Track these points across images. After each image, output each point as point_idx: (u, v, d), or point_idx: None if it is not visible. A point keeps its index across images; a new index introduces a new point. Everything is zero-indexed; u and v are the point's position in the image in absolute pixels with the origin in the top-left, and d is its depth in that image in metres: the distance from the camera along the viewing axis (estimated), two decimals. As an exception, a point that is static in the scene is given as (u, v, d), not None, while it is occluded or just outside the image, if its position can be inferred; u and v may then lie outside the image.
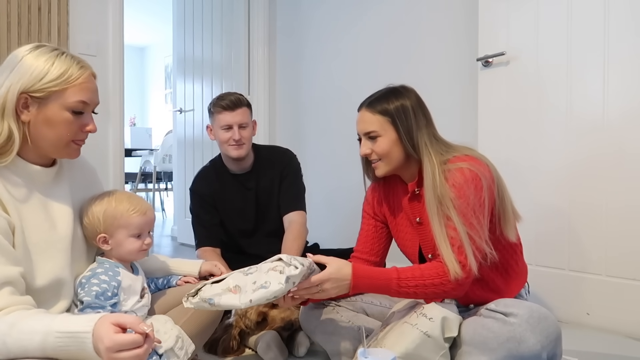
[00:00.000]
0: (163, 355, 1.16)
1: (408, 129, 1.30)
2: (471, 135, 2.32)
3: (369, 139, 1.34)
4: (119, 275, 1.19)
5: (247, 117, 1.97)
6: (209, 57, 3.70)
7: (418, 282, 1.20)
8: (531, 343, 1.12)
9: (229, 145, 1.95)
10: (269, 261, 1.17)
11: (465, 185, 1.22)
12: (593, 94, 1.91)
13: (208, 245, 1.99)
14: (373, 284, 1.22)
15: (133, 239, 1.22)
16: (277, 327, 1.65)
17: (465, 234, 1.19)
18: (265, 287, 1.10)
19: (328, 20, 3.10)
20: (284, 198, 2.05)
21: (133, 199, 1.24)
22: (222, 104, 1.95)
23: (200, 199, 2.05)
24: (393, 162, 1.33)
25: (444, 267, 1.19)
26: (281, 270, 1.12)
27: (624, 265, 1.85)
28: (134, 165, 5.66)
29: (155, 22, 6.64)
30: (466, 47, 2.38)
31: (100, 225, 1.19)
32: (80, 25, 2.52)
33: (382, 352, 1.06)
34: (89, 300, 1.11)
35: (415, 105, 1.32)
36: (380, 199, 1.48)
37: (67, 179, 1.21)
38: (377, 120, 1.31)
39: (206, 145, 3.61)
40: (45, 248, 1.08)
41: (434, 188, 1.24)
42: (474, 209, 1.21)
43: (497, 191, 1.28)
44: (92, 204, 1.21)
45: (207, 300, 1.13)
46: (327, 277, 1.17)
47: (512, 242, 1.34)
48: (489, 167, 1.29)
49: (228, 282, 1.15)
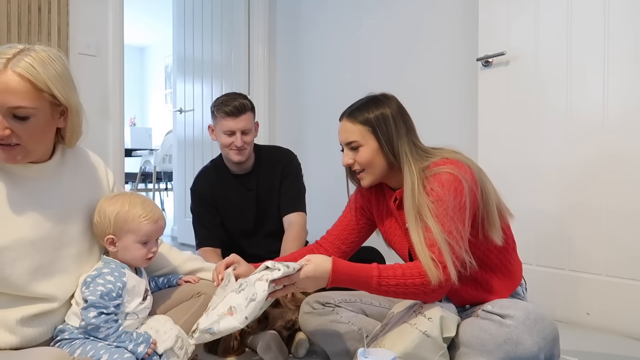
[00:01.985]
0: (163, 355, 1.16)
1: (389, 137, 1.29)
2: (471, 135, 2.32)
3: (350, 149, 1.33)
4: (124, 276, 1.19)
5: (250, 123, 1.94)
6: (209, 57, 3.70)
7: (399, 281, 1.17)
8: (528, 345, 1.12)
9: (231, 150, 1.94)
10: (257, 271, 1.18)
11: (443, 190, 1.21)
12: (593, 94, 1.91)
13: (208, 246, 1.99)
14: (352, 280, 1.20)
15: (139, 245, 1.22)
16: (278, 327, 1.65)
17: (444, 240, 1.18)
18: (254, 300, 1.11)
19: (328, 20, 3.10)
20: (284, 199, 2.05)
21: (147, 205, 1.24)
22: (226, 109, 1.91)
23: (201, 199, 2.05)
24: (376, 171, 1.33)
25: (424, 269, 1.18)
26: (267, 279, 1.13)
27: (624, 265, 1.85)
28: (134, 165, 5.66)
29: (155, 22, 6.64)
30: (466, 47, 2.38)
31: (110, 226, 1.20)
32: (80, 25, 2.52)
33: (382, 352, 1.07)
34: (93, 300, 1.11)
35: (395, 114, 1.31)
36: (370, 199, 1.48)
37: (67, 176, 1.20)
38: (357, 130, 1.31)
39: (206, 145, 3.61)
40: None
41: (412, 198, 1.24)
42: (453, 215, 1.20)
43: (480, 194, 1.27)
44: (106, 203, 1.22)
45: (207, 331, 1.15)
46: (304, 275, 1.16)
47: (504, 241, 1.33)
48: (471, 169, 1.27)
49: (222, 307, 1.16)
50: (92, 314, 1.11)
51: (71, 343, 1.12)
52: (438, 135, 2.59)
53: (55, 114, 1.11)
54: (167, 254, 1.44)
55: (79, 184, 1.24)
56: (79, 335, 1.13)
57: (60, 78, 1.07)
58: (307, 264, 1.17)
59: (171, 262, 1.43)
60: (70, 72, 1.11)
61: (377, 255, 1.96)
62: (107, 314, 1.12)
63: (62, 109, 1.11)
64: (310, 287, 1.20)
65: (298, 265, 1.15)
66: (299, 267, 1.15)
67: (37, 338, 1.12)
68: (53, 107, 1.09)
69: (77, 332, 1.14)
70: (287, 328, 1.65)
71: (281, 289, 1.16)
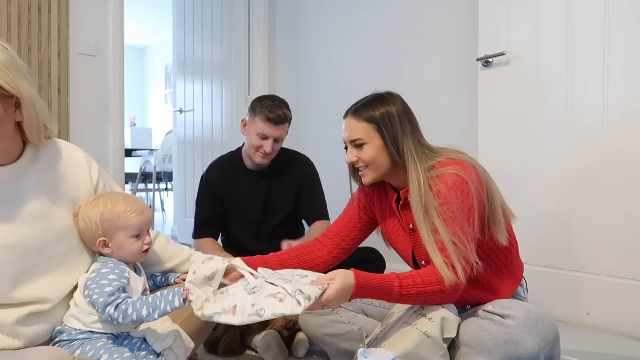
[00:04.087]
0: (161, 354, 1.16)
1: (393, 135, 1.29)
2: (471, 135, 2.32)
3: (355, 146, 1.33)
4: (125, 272, 1.18)
5: (284, 133, 1.98)
6: (209, 57, 3.70)
7: (419, 290, 1.18)
8: (528, 345, 1.12)
9: (257, 152, 1.96)
10: (274, 281, 1.15)
11: (450, 192, 1.21)
12: (593, 94, 1.91)
13: (206, 236, 2.02)
14: (374, 292, 1.20)
15: (133, 239, 1.21)
16: (278, 327, 1.65)
17: (450, 242, 1.18)
18: (259, 315, 1.08)
19: (328, 20, 3.10)
20: (310, 209, 2.10)
21: (128, 199, 1.23)
22: (270, 115, 1.91)
23: (208, 189, 2.06)
24: (380, 169, 1.32)
25: (440, 274, 1.19)
26: (281, 299, 1.08)
27: (624, 265, 1.85)
28: (134, 165, 5.66)
29: (155, 22, 6.64)
30: (466, 47, 2.38)
31: (99, 229, 1.18)
32: (80, 25, 2.52)
33: (382, 352, 1.06)
34: (104, 300, 1.09)
35: (400, 112, 1.31)
36: (373, 198, 1.48)
37: (42, 174, 1.16)
38: (362, 127, 1.31)
39: (206, 145, 3.61)
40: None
41: (420, 197, 1.23)
42: (460, 216, 1.20)
43: (485, 194, 1.27)
44: (87, 208, 1.19)
45: (207, 317, 1.14)
46: (333, 295, 1.12)
47: (507, 241, 1.33)
48: (476, 169, 1.27)
49: (230, 300, 1.14)
50: (112, 309, 1.09)
51: (70, 344, 1.12)
52: (438, 136, 2.58)
53: (9, 106, 1.04)
54: (164, 249, 1.41)
55: (57, 180, 1.19)
56: (77, 336, 1.13)
57: (4, 67, 1.01)
58: (333, 283, 1.13)
59: (170, 259, 1.42)
60: (18, 60, 1.06)
61: (377, 256, 1.96)
62: (123, 302, 1.10)
63: (15, 101, 1.05)
64: (337, 305, 1.17)
65: (320, 291, 1.10)
66: (322, 290, 1.11)
67: (38, 337, 1.12)
68: (4, 99, 1.02)
69: (75, 333, 1.13)
70: (287, 328, 1.65)
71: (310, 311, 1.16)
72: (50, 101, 2.39)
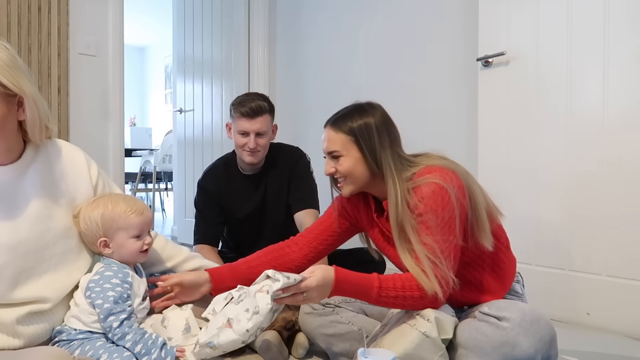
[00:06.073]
0: None
1: (371, 148, 1.27)
2: (471, 135, 2.32)
3: (332, 157, 1.32)
4: (128, 276, 1.19)
5: (266, 125, 1.92)
6: (209, 57, 3.70)
7: (398, 293, 1.18)
8: (524, 347, 1.11)
9: (244, 151, 1.93)
10: (257, 282, 1.17)
11: (428, 203, 1.19)
12: (593, 94, 1.91)
13: (207, 243, 2.00)
14: (354, 290, 1.20)
15: (133, 239, 1.21)
16: (278, 327, 1.65)
17: (426, 258, 1.17)
18: (257, 313, 1.10)
19: (328, 20, 3.10)
20: (294, 197, 2.03)
21: (128, 199, 1.24)
22: (242, 110, 1.89)
23: (206, 195, 2.05)
24: (358, 181, 1.31)
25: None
26: (267, 290, 1.11)
27: (624, 265, 1.85)
28: (134, 165, 5.66)
29: (155, 22, 6.64)
30: (466, 47, 2.38)
31: (99, 229, 1.18)
32: (80, 25, 2.52)
33: (382, 352, 1.06)
34: (107, 307, 1.11)
35: (379, 124, 1.29)
36: (359, 206, 1.45)
37: (42, 173, 1.17)
38: (339, 139, 1.30)
39: (206, 145, 3.61)
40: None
41: (396, 214, 1.22)
42: (439, 226, 1.19)
43: (468, 200, 1.25)
44: (87, 209, 1.20)
45: (207, 345, 1.13)
46: (314, 284, 1.14)
47: (498, 238, 1.32)
48: (457, 174, 1.25)
49: (221, 319, 1.15)
50: (115, 323, 1.10)
51: (69, 344, 1.12)
52: (438, 136, 2.60)
53: (12, 105, 1.05)
54: (163, 249, 1.42)
55: (57, 180, 1.20)
56: (77, 336, 1.13)
57: (6, 66, 1.02)
58: (314, 275, 1.15)
59: (169, 259, 1.42)
60: (18, 60, 1.07)
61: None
62: (127, 318, 1.12)
63: (18, 100, 1.06)
64: (317, 298, 1.18)
65: (300, 277, 1.13)
66: (300, 278, 1.14)
67: (37, 337, 1.12)
68: (7, 98, 1.04)
69: (75, 333, 1.13)
70: (287, 328, 1.65)
71: (289, 296, 1.14)
72: (50, 101, 2.40)
